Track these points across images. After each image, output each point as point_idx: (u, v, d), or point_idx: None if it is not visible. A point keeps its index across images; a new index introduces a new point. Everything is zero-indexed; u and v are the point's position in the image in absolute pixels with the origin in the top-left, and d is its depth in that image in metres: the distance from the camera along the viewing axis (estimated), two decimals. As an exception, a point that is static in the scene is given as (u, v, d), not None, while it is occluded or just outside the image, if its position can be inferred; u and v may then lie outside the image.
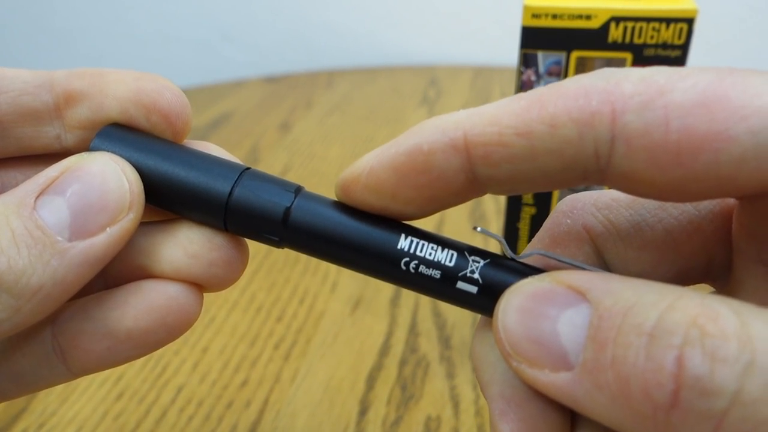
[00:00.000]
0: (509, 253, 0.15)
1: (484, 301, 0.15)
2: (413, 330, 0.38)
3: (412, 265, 0.15)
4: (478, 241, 0.44)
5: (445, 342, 0.37)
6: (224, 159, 0.16)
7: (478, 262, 0.15)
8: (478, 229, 0.15)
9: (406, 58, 0.91)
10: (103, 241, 0.14)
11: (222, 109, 0.73)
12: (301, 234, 0.16)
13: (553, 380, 0.12)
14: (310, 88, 0.80)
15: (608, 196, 0.16)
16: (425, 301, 0.41)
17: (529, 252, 0.15)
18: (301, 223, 0.15)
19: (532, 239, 0.17)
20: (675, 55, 0.26)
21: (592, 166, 0.13)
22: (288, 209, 0.15)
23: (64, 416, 0.32)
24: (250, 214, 0.15)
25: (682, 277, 0.16)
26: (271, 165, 0.58)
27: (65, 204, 0.14)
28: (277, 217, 0.15)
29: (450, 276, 0.15)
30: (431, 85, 0.81)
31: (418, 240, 0.15)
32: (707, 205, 0.15)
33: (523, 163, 0.13)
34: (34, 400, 0.33)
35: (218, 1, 0.90)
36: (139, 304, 0.15)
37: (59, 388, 0.34)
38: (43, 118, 0.16)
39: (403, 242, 0.15)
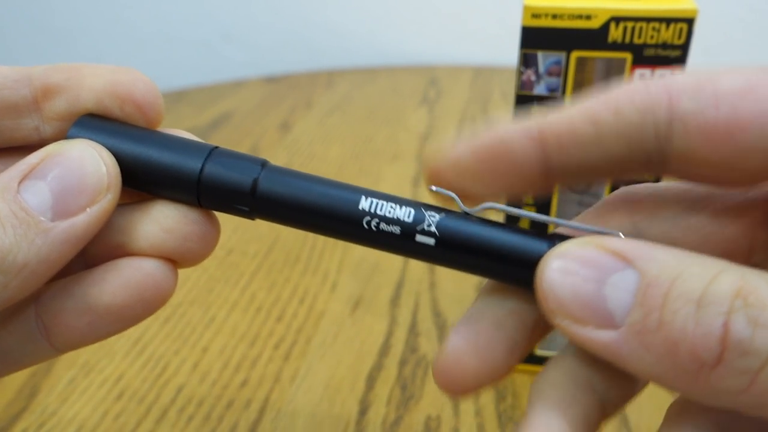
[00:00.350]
0: (462, 207, 0.16)
1: (442, 251, 0.16)
2: (413, 330, 0.38)
3: (374, 223, 0.16)
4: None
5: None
6: (194, 140, 0.17)
7: (434, 217, 0.16)
8: (434, 188, 0.17)
9: (406, 58, 0.91)
10: (83, 220, 0.15)
11: (222, 109, 0.73)
12: (269, 203, 0.17)
13: (598, 337, 0.14)
14: (310, 88, 0.80)
15: (659, 185, 0.18)
16: (425, 300, 0.41)
17: (481, 206, 0.16)
18: (269, 193, 0.17)
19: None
20: (675, 55, 0.26)
21: (653, 149, 0.15)
22: (255, 180, 0.17)
23: (64, 416, 0.32)
24: (220, 188, 0.17)
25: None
26: (271, 165, 0.58)
27: (47, 187, 0.15)
28: (246, 188, 0.17)
29: (409, 231, 0.16)
30: (431, 85, 0.81)
31: (377, 200, 0.16)
32: (754, 193, 0.16)
33: (591, 147, 0.15)
34: (34, 400, 0.33)
35: (218, 1, 0.90)
36: (117, 281, 0.16)
37: (59, 388, 0.34)
38: (22, 111, 0.17)
39: (364, 203, 0.16)
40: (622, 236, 0.16)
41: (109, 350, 0.36)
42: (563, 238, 0.16)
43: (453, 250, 0.16)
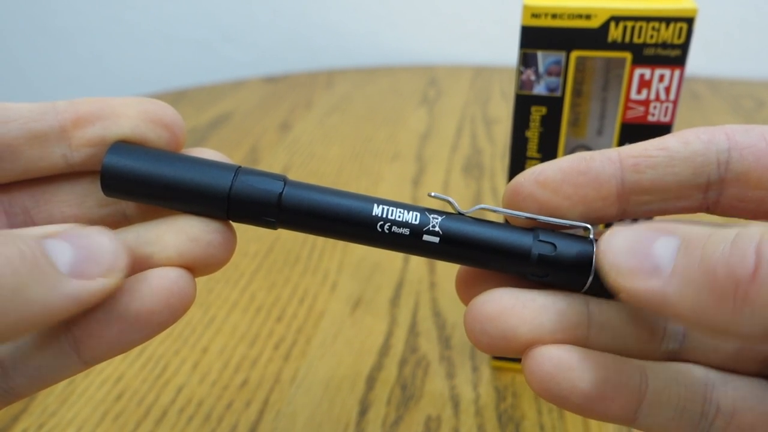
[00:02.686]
0: (459, 210, 0.19)
1: (445, 247, 0.19)
2: (413, 330, 0.38)
3: (386, 226, 0.19)
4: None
5: (445, 342, 0.37)
6: (219, 161, 0.20)
7: (437, 219, 0.19)
8: (432, 194, 0.19)
9: (406, 58, 0.91)
10: (95, 286, 0.16)
11: (222, 109, 0.73)
12: (293, 214, 0.19)
13: (647, 285, 0.16)
14: (310, 88, 0.80)
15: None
16: (425, 300, 0.41)
17: (474, 208, 0.19)
18: (292, 205, 0.19)
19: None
20: (675, 54, 0.26)
21: (714, 172, 0.18)
22: (280, 195, 0.19)
23: (64, 417, 0.32)
24: (249, 202, 0.19)
25: None
26: (270, 165, 0.58)
27: (69, 248, 0.16)
28: (272, 202, 0.19)
29: (417, 231, 0.19)
30: (431, 84, 0.81)
31: (388, 207, 0.19)
32: None
33: (663, 169, 0.18)
34: (33, 401, 0.33)
35: (218, 1, 0.90)
36: (145, 289, 0.18)
37: (59, 388, 0.34)
38: (50, 140, 0.18)
39: (377, 209, 0.19)
40: (590, 227, 0.19)
41: (109, 350, 0.36)
42: (543, 230, 0.19)
43: (454, 246, 0.19)
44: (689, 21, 0.26)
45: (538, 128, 0.29)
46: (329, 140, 0.65)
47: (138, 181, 0.18)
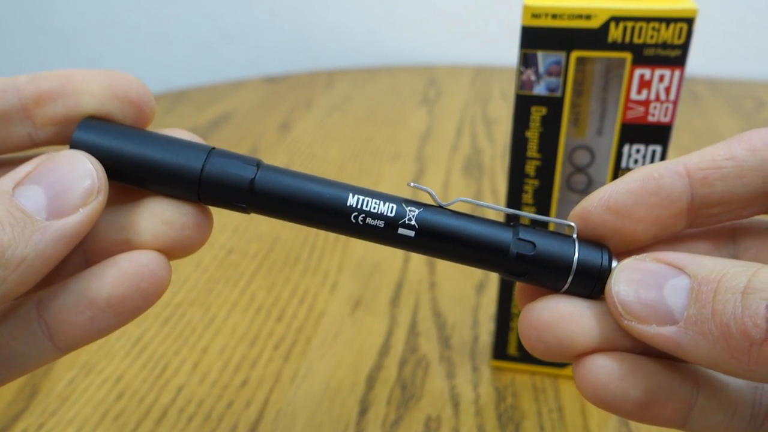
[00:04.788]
0: (438, 202, 0.19)
1: (421, 241, 0.18)
2: (413, 330, 0.38)
3: (360, 217, 0.18)
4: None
5: (445, 342, 0.37)
6: (192, 141, 0.19)
7: (414, 211, 0.18)
8: (412, 184, 0.18)
9: (406, 58, 0.91)
10: (76, 219, 0.16)
11: (222, 109, 0.73)
12: (265, 200, 0.18)
13: (660, 332, 0.16)
14: (310, 88, 0.80)
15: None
16: (425, 300, 0.41)
17: (454, 200, 0.19)
18: (265, 191, 0.18)
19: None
20: (675, 54, 0.26)
21: None
22: (252, 180, 0.18)
23: (64, 416, 0.32)
24: (221, 185, 0.18)
25: None
26: (271, 165, 0.58)
27: (41, 190, 0.16)
28: (244, 186, 0.18)
29: (392, 224, 0.18)
30: (431, 85, 0.81)
31: (363, 197, 0.18)
32: None
33: (733, 180, 0.17)
34: (34, 400, 0.33)
35: (218, 1, 0.90)
36: (115, 273, 0.17)
37: (59, 388, 0.34)
38: (12, 119, 0.18)
39: (352, 200, 0.18)
40: (574, 225, 0.18)
41: (109, 350, 0.36)
42: (525, 226, 0.19)
43: (431, 240, 0.18)
44: (689, 21, 0.26)
45: (538, 128, 0.29)
46: (329, 140, 0.65)
47: (107, 160, 0.18)
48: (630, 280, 0.17)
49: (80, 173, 0.17)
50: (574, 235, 0.18)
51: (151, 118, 0.19)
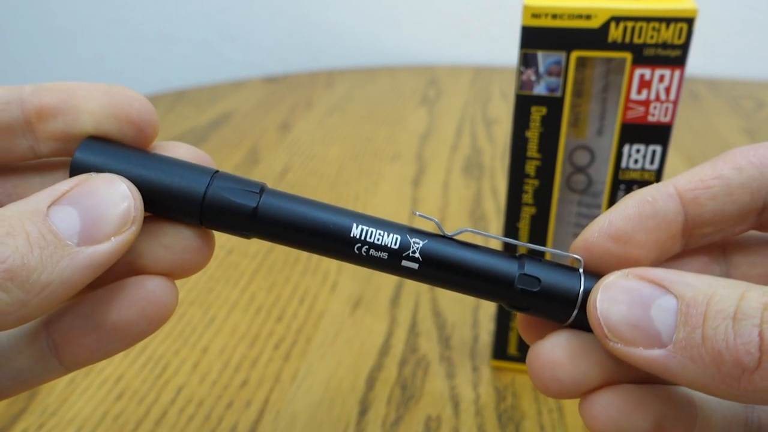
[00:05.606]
0: (443, 232, 0.18)
1: (425, 274, 0.18)
2: (413, 330, 0.38)
3: (364, 249, 0.18)
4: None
5: (445, 342, 0.37)
6: (196, 165, 0.18)
7: (418, 244, 0.18)
8: (417, 213, 0.18)
9: (406, 58, 0.91)
10: (107, 248, 0.16)
11: (222, 109, 0.73)
12: (266, 227, 0.18)
13: (647, 355, 0.16)
14: (310, 88, 0.80)
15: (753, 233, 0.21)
16: (425, 300, 0.41)
17: (460, 231, 0.18)
18: (267, 219, 0.18)
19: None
20: (675, 54, 0.26)
21: None
22: (255, 208, 0.18)
23: (64, 416, 0.32)
24: (222, 212, 0.18)
25: None
26: (270, 165, 0.58)
27: (76, 213, 0.16)
28: (246, 214, 0.18)
29: (396, 256, 0.18)
30: (431, 85, 0.81)
31: (368, 227, 0.18)
32: None
33: (723, 198, 0.18)
34: (34, 400, 0.33)
35: (218, 1, 0.90)
36: (122, 299, 0.17)
37: (59, 388, 0.34)
38: (15, 132, 0.18)
39: (355, 230, 0.18)
40: (581, 259, 0.18)
41: (109, 350, 0.36)
42: (530, 259, 0.18)
43: (434, 273, 0.18)
44: (689, 21, 0.26)
45: (538, 128, 0.29)
46: (329, 140, 0.65)
47: None
48: (614, 299, 0.16)
49: (117, 200, 0.16)
50: (581, 270, 0.18)
51: (153, 137, 0.18)
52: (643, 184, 0.29)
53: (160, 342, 0.37)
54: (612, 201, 0.30)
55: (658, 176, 0.29)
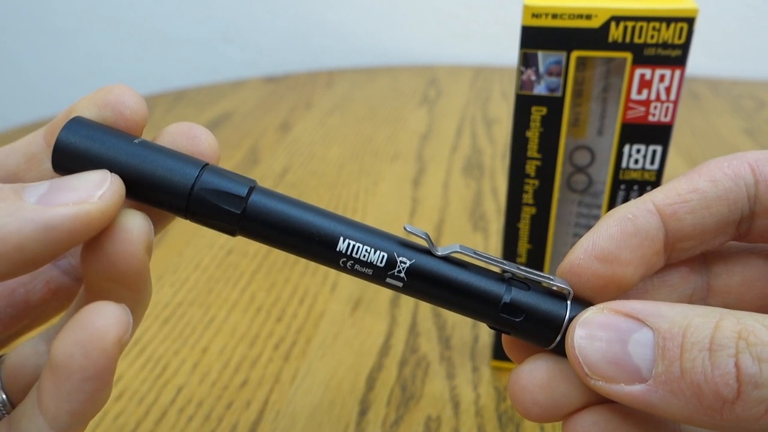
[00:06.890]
0: (432, 249, 0.18)
1: (410, 290, 0.18)
2: (413, 330, 0.38)
3: (349, 264, 0.18)
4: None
5: (445, 342, 0.37)
6: (186, 155, 0.18)
7: (405, 264, 0.18)
8: (407, 228, 0.18)
9: (406, 58, 0.91)
10: (66, 212, 0.15)
11: (222, 109, 0.73)
12: (253, 227, 0.18)
13: (629, 391, 0.16)
14: (310, 88, 0.80)
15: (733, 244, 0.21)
16: (425, 301, 0.41)
17: (450, 249, 0.18)
18: (255, 219, 0.17)
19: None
20: (675, 54, 0.26)
21: (746, 207, 0.18)
22: (244, 207, 0.17)
23: (63, 416, 0.32)
24: (210, 207, 0.17)
25: None
26: (270, 165, 0.58)
27: (47, 184, 0.16)
28: (234, 211, 0.17)
29: (380, 274, 0.18)
30: (431, 84, 0.81)
31: (354, 243, 0.17)
32: None
33: (701, 211, 0.18)
34: (33, 400, 0.33)
35: (218, 1, 0.90)
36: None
37: (59, 388, 0.34)
38: (41, 158, 0.19)
39: (342, 245, 0.17)
40: (569, 288, 0.18)
41: (109, 350, 0.36)
42: (517, 284, 0.18)
43: (419, 292, 0.18)
44: (690, 21, 0.26)
45: (538, 128, 0.29)
46: (329, 140, 0.65)
47: (92, 165, 0.17)
48: (592, 336, 0.16)
49: (91, 177, 0.16)
50: (568, 302, 0.18)
51: (135, 120, 0.18)
52: (643, 184, 0.29)
53: (160, 342, 0.37)
54: (612, 201, 0.30)
55: (658, 176, 0.29)
